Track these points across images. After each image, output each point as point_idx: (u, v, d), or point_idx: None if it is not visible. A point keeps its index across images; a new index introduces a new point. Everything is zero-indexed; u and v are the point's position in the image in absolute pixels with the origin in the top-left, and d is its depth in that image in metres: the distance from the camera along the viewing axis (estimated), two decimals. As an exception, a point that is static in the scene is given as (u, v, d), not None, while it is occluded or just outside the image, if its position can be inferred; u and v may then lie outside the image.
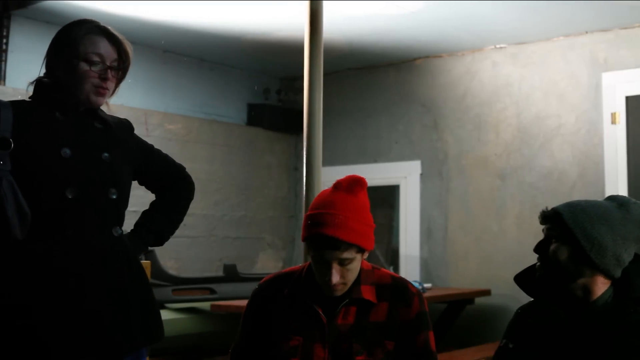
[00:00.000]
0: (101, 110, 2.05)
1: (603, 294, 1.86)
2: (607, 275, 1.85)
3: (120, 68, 2.02)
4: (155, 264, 4.67)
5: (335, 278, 1.97)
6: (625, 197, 1.94)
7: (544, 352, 1.83)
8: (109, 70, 1.98)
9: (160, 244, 2.21)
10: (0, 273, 1.86)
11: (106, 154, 1.98)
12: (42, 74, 2.01)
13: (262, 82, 6.33)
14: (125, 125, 2.14)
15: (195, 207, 5.63)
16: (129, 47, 2.03)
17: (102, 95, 1.98)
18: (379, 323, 2.02)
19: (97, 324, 1.89)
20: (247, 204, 6.08)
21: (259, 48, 5.52)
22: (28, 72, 2.07)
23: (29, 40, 4.80)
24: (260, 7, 4.58)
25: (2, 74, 4.70)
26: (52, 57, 1.99)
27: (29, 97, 2.01)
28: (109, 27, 2.02)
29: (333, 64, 5.63)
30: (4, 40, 4.73)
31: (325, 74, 3.17)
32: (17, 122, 1.89)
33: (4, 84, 4.67)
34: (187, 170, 2.33)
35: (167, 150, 2.33)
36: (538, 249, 1.90)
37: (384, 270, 2.15)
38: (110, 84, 2.00)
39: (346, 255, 1.97)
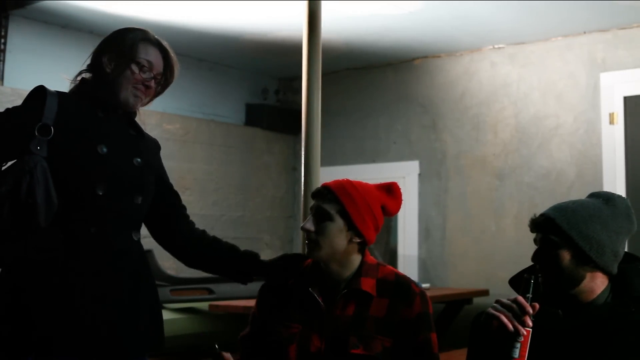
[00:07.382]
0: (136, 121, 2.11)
1: (602, 292, 1.86)
2: (606, 272, 1.85)
3: (162, 82, 2.09)
4: (154, 264, 4.67)
5: (307, 224, 2.02)
6: (607, 192, 1.95)
7: (545, 354, 1.83)
8: (153, 80, 2.04)
9: None
10: (16, 259, 1.85)
11: (139, 160, 2.03)
12: (85, 67, 2.05)
13: (260, 82, 6.33)
14: (154, 143, 2.20)
15: (194, 207, 5.65)
16: (177, 66, 2.12)
17: (140, 99, 2.04)
18: (378, 318, 2.01)
19: (108, 324, 1.90)
20: (245, 204, 6.08)
21: (258, 48, 5.51)
22: (26, 72, 2.07)
23: (27, 40, 4.79)
24: (259, 7, 4.58)
25: (1, 74, 4.69)
26: (103, 55, 2.02)
27: (71, 91, 2.04)
28: (164, 42, 2.10)
29: (331, 64, 5.63)
30: (2, 40, 4.72)
31: (323, 74, 3.17)
32: (60, 112, 1.92)
33: (2, 84, 4.65)
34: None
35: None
36: (536, 257, 1.89)
37: (390, 267, 2.14)
38: (149, 92, 2.06)
39: (325, 206, 2.02)
